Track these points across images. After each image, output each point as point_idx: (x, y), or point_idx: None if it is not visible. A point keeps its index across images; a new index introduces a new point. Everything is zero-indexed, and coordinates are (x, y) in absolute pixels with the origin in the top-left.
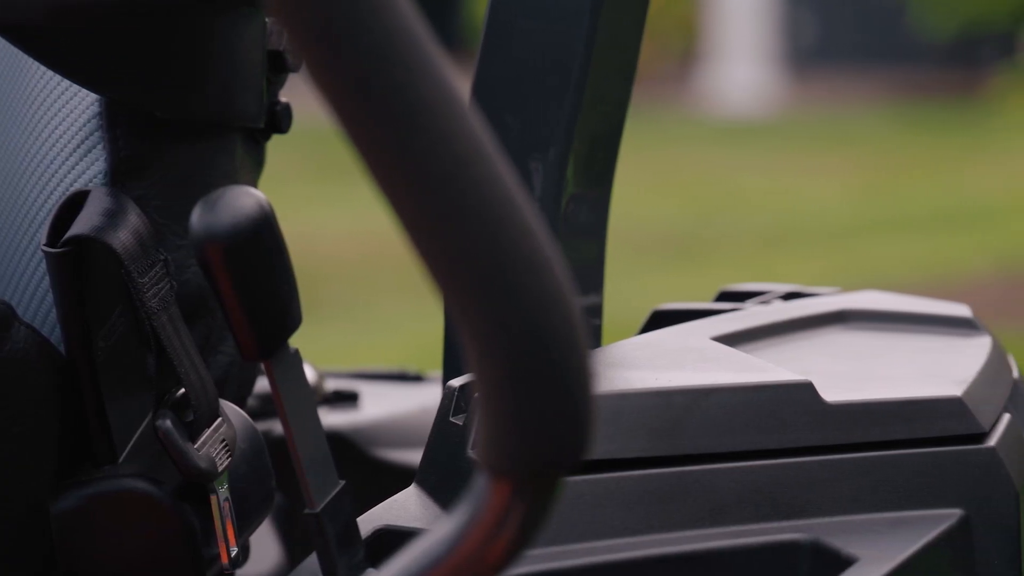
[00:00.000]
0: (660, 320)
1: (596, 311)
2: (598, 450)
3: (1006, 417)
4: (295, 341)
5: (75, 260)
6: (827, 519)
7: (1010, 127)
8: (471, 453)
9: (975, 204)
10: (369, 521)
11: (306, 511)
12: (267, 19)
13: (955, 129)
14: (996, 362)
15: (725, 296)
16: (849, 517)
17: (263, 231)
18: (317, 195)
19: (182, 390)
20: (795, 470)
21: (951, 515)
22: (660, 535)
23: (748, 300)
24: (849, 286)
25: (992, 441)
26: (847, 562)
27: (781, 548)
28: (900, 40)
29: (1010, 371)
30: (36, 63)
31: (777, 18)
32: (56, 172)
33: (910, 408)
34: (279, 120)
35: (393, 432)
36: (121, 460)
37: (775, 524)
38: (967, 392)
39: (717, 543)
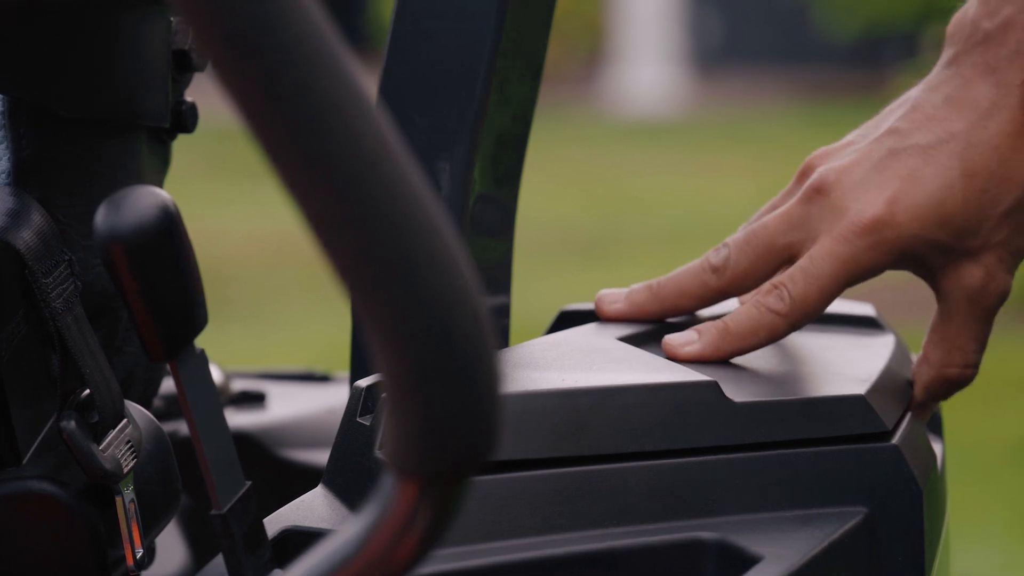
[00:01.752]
0: (567, 320)
1: (504, 311)
2: (505, 450)
3: (909, 416)
4: (201, 341)
5: None
6: (733, 517)
7: None
8: (378, 453)
9: None
10: (276, 522)
11: (212, 512)
12: (172, 17)
13: None
14: (899, 361)
15: None
16: (754, 515)
17: (168, 231)
18: (223, 195)
19: (87, 391)
20: (701, 469)
21: (856, 513)
22: (567, 534)
23: None
24: None
25: (896, 439)
26: (752, 560)
27: (687, 546)
28: (804, 40)
29: None
30: None
31: (682, 19)
32: None
33: (814, 407)
34: (185, 119)
35: (300, 433)
36: (25, 461)
37: (681, 523)
38: (870, 391)
39: (623, 542)
